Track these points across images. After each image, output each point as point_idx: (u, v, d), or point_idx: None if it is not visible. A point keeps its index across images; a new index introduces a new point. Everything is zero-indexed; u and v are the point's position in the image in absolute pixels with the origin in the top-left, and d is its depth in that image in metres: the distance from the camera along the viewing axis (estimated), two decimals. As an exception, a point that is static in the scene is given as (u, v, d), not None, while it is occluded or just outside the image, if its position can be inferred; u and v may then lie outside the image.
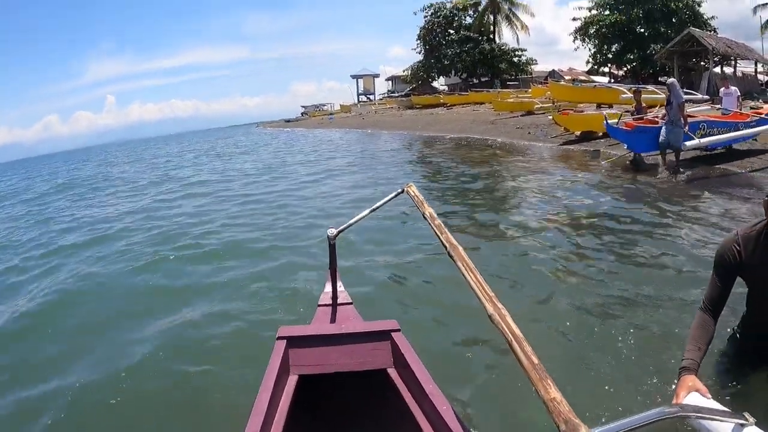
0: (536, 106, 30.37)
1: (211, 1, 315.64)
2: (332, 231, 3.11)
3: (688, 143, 11.96)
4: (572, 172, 13.31)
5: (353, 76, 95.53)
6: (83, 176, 28.36)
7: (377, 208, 3.28)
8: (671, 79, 13.80)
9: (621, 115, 15.08)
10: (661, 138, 12.13)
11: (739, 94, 16.61)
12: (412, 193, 3.13)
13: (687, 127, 11.92)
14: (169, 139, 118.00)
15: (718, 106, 16.67)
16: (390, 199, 3.34)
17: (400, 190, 3.30)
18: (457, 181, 12.94)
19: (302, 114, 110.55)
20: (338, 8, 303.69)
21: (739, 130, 13.75)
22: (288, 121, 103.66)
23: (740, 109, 15.75)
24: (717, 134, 13.24)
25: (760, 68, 42.84)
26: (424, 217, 2.79)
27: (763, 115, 14.76)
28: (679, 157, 12.26)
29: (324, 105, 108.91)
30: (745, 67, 42.74)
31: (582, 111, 21.61)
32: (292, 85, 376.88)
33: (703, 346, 2.53)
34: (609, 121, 13.46)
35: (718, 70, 39.18)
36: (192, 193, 14.71)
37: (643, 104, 14.84)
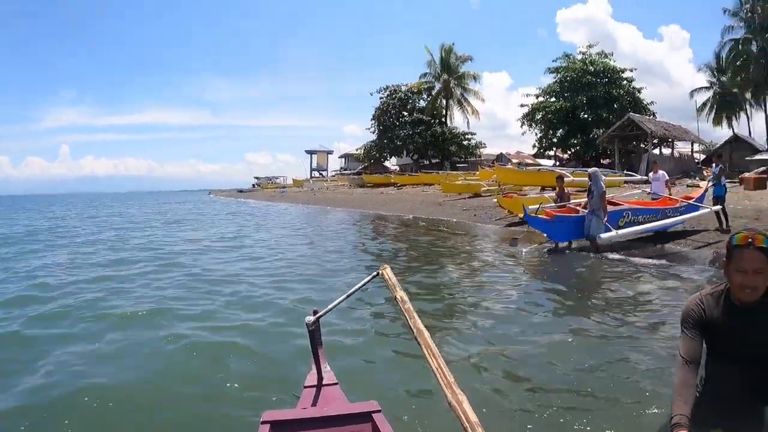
0: (483, 188, 31.33)
1: (177, 62, 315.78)
2: (310, 318, 3.19)
3: (604, 235, 12.27)
4: (503, 256, 13.39)
5: (308, 152, 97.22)
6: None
7: (354, 291, 3.35)
8: (593, 169, 14.14)
9: (541, 201, 15.74)
10: (585, 227, 12.60)
11: (667, 178, 17.02)
12: (387, 276, 3.27)
13: (606, 218, 12.34)
14: (120, 198, 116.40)
15: (648, 189, 17.23)
16: (366, 282, 3.41)
17: (375, 273, 3.40)
18: (398, 261, 12.95)
19: (255, 185, 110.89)
20: (299, 83, 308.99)
21: (667, 216, 14.44)
22: (241, 191, 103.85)
23: (669, 193, 16.30)
24: (643, 221, 13.81)
25: (696, 148, 46.50)
26: (396, 300, 3.04)
27: (692, 201, 15.80)
28: (597, 245, 12.47)
29: (277, 177, 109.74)
30: (682, 148, 45.74)
31: (525, 194, 22.55)
32: (248, 154, 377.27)
33: (689, 400, 2.56)
34: (528, 210, 13.53)
35: (657, 151, 41.92)
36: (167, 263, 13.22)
37: (566, 191, 15.09)
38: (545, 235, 13.69)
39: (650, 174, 18.06)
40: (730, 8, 47.24)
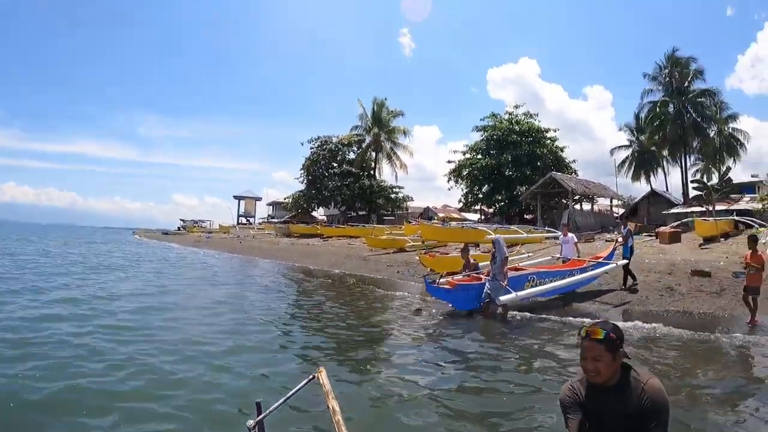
0: (408, 244, 31.81)
1: (111, 94, 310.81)
2: (250, 423, 3.12)
3: (503, 297, 12.37)
4: (410, 320, 13.12)
5: (236, 197, 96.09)
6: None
7: (291, 395, 3.39)
8: (496, 236, 14.47)
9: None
10: (484, 292, 12.78)
11: (576, 240, 17.34)
12: (322, 381, 3.38)
13: (506, 282, 12.48)
14: (41, 231, 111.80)
15: (558, 255, 17.55)
16: (303, 386, 3.46)
17: (311, 377, 3.52)
18: (319, 321, 12.74)
19: (181, 227, 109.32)
20: (231, 125, 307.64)
21: (573, 275, 14.92)
22: (165, 233, 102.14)
23: (578, 255, 16.74)
24: (549, 283, 14.21)
25: (616, 203, 48.88)
26: (327, 408, 3.13)
27: (600, 259, 16.23)
28: (496, 309, 12.73)
29: (203, 221, 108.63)
30: (602, 203, 47.35)
31: (447, 254, 22.68)
32: (175, 195, 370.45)
33: None
34: (428, 279, 13.69)
35: (578, 206, 43.12)
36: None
37: (471, 260, 15.11)
38: (449, 304, 13.59)
39: (560, 237, 18.25)
40: (650, 73, 50.48)
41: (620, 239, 16.97)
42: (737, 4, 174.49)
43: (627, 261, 16.02)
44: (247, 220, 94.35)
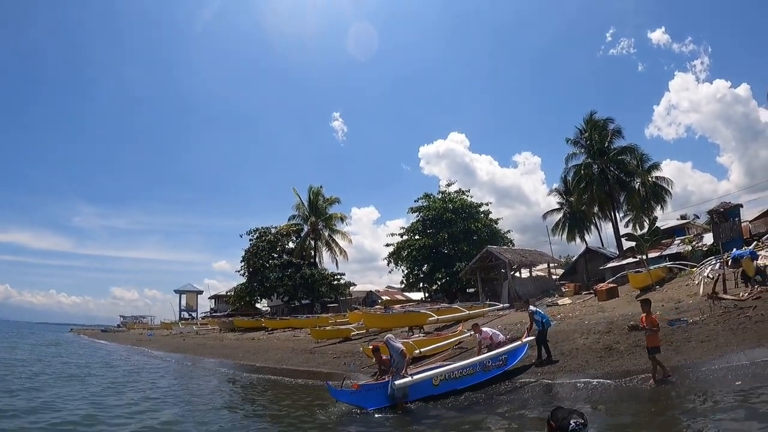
0: (352, 332, 31.83)
1: (45, 183, 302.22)
2: None
3: (398, 381, 12.65)
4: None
5: (177, 291, 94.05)
6: None
7: None
8: (388, 335, 14.87)
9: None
10: (389, 389, 12.92)
11: (490, 334, 16.83)
12: None
13: (405, 370, 12.87)
14: None
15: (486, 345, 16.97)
16: None
17: None
18: None
19: (121, 324, 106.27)
20: (167, 215, 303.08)
21: (486, 367, 15.09)
22: (104, 330, 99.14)
23: (483, 348, 16.45)
24: (460, 377, 14.36)
25: (554, 265, 49.73)
26: None
27: (516, 345, 16.38)
28: (402, 406, 12.87)
29: (144, 317, 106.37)
30: (541, 268, 47.99)
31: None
32: (114, 288, 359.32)
33: None
34: (331, 385, 13.60)
35: (518, 274, 43.51)
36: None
37: (384, 357, 14.73)
38: (355, 405, 13.49)
39: (476, 336, 17.26)
40: (572, 138, 52.90)
41: (529, 327, 17.02)
42: (647, 59, 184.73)
43: (537, 334, 16.45)
44: (190, 315, 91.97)
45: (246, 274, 66.14)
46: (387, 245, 58.18)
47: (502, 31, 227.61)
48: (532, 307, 17.32)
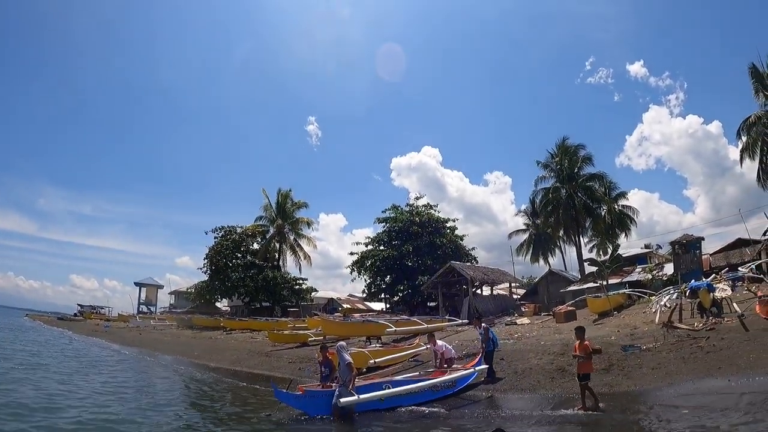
0: (310, 338, 31.51)
1: (7, 160, 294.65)
2: None
3: (343, 399, 12.56)
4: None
5: (137, 284, 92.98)
6: None
7: None
8: (340, 343, 14.73)
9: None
10: (335, 398, 12.85)
11: (444, 350, 16.99)
12: None
13: (352, 386, 12.77)
14: None
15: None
16: None
17: None
18: None
19: (78, 313, 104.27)
20: (133, 205, 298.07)
21: (436, 388, 14.94)
22: (61, 318, 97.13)
23: (445, 365, 16.62)
24: (406, 393, 14.17)
25: (516, 285, 50.74)
26: None
27: (469, 368, 16.33)
28: (346, 413, 12.87)
29: (102, 308, 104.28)
30: (502, 287, 48.31)
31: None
32: (73, 276, 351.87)
33: None
34: (277, 388, 13.62)
35: (479, 291, 43.79)
36: None
37: (330, 359, 14.87)
38: (299, 410, 13.46)
39: (431, 346, 17.45)
40: (542, 161, 53.53)
41: (482, 345, 16.92)
42: (624, 90, 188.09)
43: (490, 358, 16.50)
44: (148, 309, 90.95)
45: (208, 272, 64.43)
46: (351, 254, 57.84)
47: (483, 49, 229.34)
48: (484, 325, 17.35)
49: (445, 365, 16.46)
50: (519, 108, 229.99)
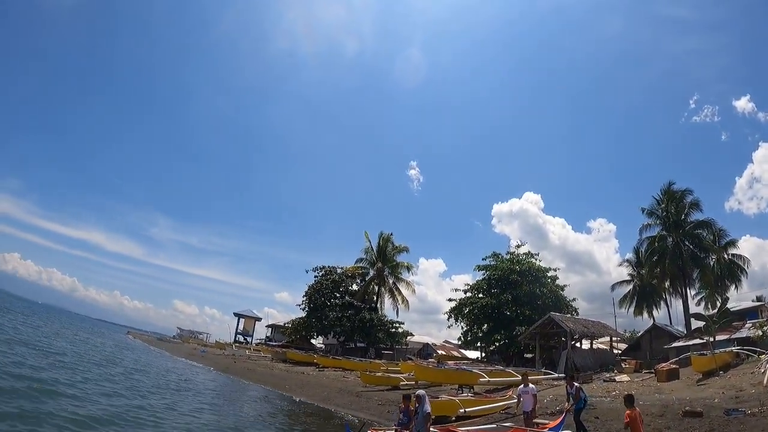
0: (402, 382, 31.23)
1: (127, 190, 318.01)
2: None
3: None
4: None
5: (236, 314, 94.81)
6: None
7: None
8: (420, 391, 14.28)
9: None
10: None
11: (535, 392, 16.50)
12: None
13: None
14: (36, 310, 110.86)
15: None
16: None
17: None
18: None
19: (177, 336, 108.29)
20: (239, 240, 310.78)
21: None
22: (160, 338, 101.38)
23: (535, 409, 16.03)
24: None
25: (615, 340, 47.62)
26: None
27: (550, 427, 15.36)
28: None
29: (200, 333, 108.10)
30: (603, 341, 46.43)
31: (437, 397, 21.67)
32: (176, 301, 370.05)
33: None
34: (350, 428, 13.50)
35: (578, 344, 42.26)
36: None
37: (411, 408, 14.51)
38: None
39: (520, 387, 16.76)
40: (647, 208, 51.54)
41: (568, 405, 16.18)
42: (731, 128, 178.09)
43: (577, 416, 15.46)
44: (245, 339, 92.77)
45: (306, 308, 66.04)
46: (450, 300, 56.85)
47: (584, 92, 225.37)
48: (577, 384, 16.74)
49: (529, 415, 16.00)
50: (623, 151, 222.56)
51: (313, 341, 72.29)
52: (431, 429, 12.67)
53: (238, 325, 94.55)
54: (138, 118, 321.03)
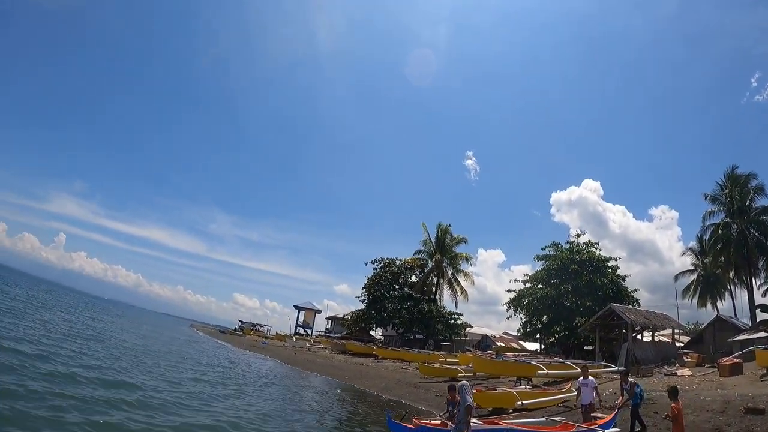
0: (460, 374, 31.29)
1: (189, 189, 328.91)
2: None
3: None
4: None
5: (296, 307, 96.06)
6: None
7: None
8: (462, 382, 14.18)
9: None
10: None
11: (596, 384, 16.39)
12: None
13: (467, 428, 11.92)
14: (103, 306, 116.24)
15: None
16: None
17: None
18: None
19: (238, 328, 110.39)
20: (297, 233, 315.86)
21: None
22: (222, 331, 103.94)
23: (599, 400, 15.88)
24: None
25: (677, 333, 46.00)
26: None
27: (600, 423, 15.11)
28: None
29: (261, 326, 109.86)
30: (663, 335, 45.50)
31: (494, 389, 21.98)
32: (236, 294, 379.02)
33: None
34: (391, 415, 13.58)
35: (640, 337, 41.49)
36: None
37: (457, 397, 14.73)
38: None
39: (579, 379, 16.81)
40: (710, 194, 50.37)
41: (620, 400, 16.04)
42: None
43: (635, 412, 15.32)
44: (305, 331, 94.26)
45: (366, 300, 66.82)
46: (509, 291, 56.16)
47: (642, 78, 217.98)
48: (632, 380, 16.63)
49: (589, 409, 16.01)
50: (683, 135, 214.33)
51: (372, 333, 73.09)
52: (474, 420, 12.81)
53: (298, 317, 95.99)
54: (192, 115, 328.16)
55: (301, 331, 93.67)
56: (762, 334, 34.53)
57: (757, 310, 43.60)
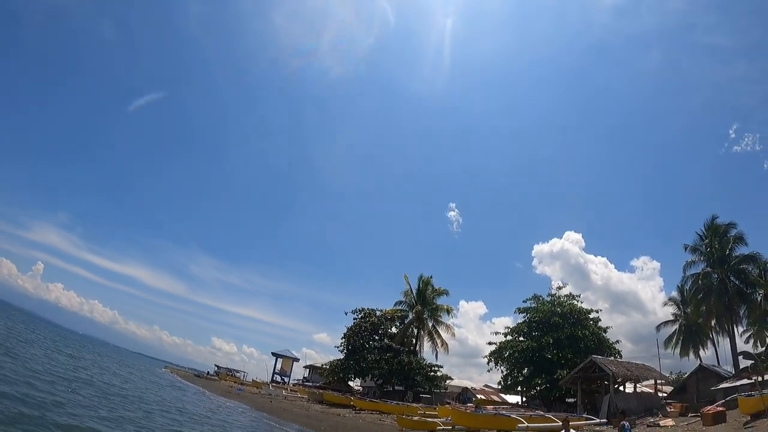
0: (439, 427, 30.62)
1: (169, 229, 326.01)
2: None
3: None
4: None
5: (274, 354, 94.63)
6: None
7: None
8: None
9: None
10: None
11: None
12: None
13: None
14: (79, 342, 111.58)
15: None
16: None
17: None
18: None
19: (214, 372, 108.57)
20: (279, 280, 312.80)
21: None
22: (197, 375, 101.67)
23: None
24: None
25: (660, 383, 45.94)
26: None
27: None
28: None
29: (237, 372, 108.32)
30: (645, 386, 45.11)
31: None
32: (215, 338, 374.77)
33: None
34: None
35: (622, 388, 41.02)
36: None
37: None
38: None
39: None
40: (691, 244, 51.09)
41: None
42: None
43: None
44: (282, 379, 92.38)
45: (344, 350, 66.14)
46: (490, 343, 56.73)
47: (619, 127, 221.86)
48: (624, 423, 16.16)
49: None
50: (663, 186, 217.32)
51: (350, 383, 71.90)
52: None
53: (275, 364, 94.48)
54: (182, 157, 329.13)
55: (279, 379, 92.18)
56: (745, 381, 34.14)
57: (740, 357, 43.15)
